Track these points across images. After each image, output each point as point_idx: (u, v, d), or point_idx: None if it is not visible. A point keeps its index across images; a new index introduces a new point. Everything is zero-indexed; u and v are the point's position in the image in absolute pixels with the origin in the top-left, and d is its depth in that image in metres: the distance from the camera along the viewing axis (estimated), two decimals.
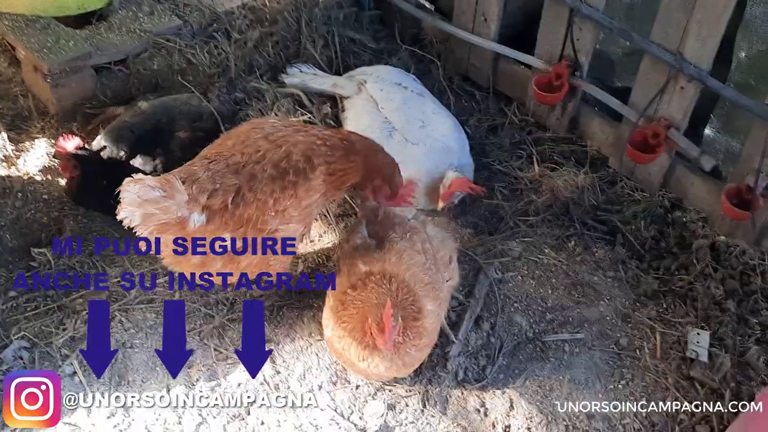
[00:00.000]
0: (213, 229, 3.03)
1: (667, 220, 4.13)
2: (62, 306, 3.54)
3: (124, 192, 2.82)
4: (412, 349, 2.98)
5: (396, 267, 3.04)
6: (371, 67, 4.51)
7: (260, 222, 3.11)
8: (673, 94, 3.83)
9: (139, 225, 2.87)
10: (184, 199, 2.94)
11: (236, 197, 3.06)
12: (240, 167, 3.12)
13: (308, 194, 3.23)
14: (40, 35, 4.41)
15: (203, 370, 3.36)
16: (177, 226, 2.96)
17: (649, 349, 3.55)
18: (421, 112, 4.09)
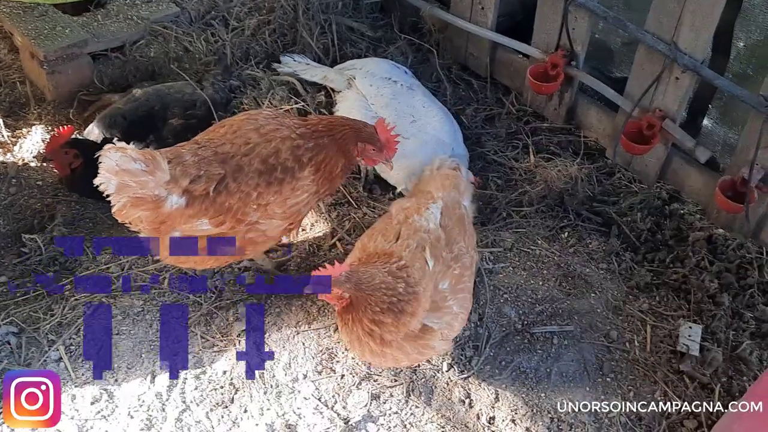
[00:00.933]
0: (191, 214, 3.04)
1: (664, 212, 4.09)
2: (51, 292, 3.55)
3: (104, 157, 2.85)
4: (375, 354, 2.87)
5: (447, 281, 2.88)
6: (361, 61, 4.48)
7: (240, 213, 3.13)
8: (668, 84, 3.78)
9: (114, 194, 2.90)
10: (164, 179, 2.95)
11: (219, 185, 3.07)
12: (228, 157, 3.13)
13: (295, 193, 3.24)
14: (38, 22, 4.42)
15: (189, 357, 3.37)
16: (152, 203, 2.97)
17: (639, 343, 3.52)
18: (412, 106, 4.06)
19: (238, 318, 3.51)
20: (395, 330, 2.77)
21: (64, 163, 3.76)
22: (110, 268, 3.67)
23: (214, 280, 3.66)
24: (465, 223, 3.07)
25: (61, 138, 3.72)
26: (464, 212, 3.12)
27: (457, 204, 3.12)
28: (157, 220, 3.02)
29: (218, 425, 3.17)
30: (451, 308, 2.89)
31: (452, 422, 3.24)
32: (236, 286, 3.65)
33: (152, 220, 3.02)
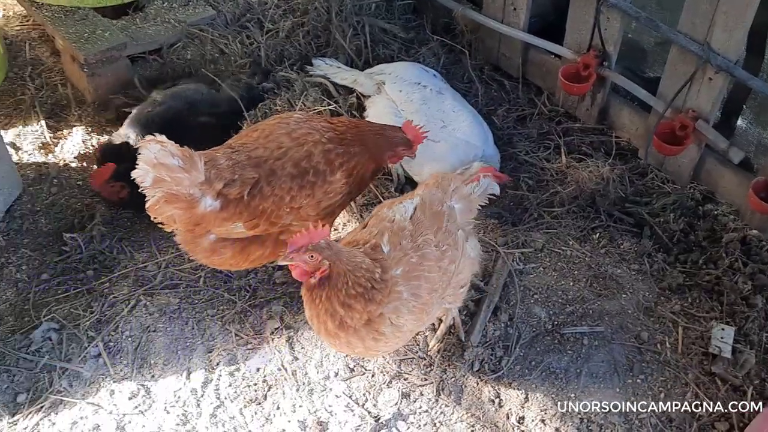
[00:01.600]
0: (226, 217, 3.11)
1: (697, 212, 4.06)
2: (91, 289, 3.66)
3: (144, 149, 2.89)
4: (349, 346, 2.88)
5: (401, 268, 2.88)
6: (390, 65, 4.50)
7: (274, 216, 3.20)
8: (701, 85, 3.76)
9: (149, 187, 2.94)
10: (199, 179, 3.01)
11: (253, 189, 3.14)
12: (261, 161, 3.20)
13: (327, 196, 3.31)
14: (78, 26, 4.53)
15: (223, 354, 3.44)
16: (185, 202, 3.02)
17: (670, 344, 3.51)
18: (441, 111, 4.09)
19: (272, 316, 3.57)
20: (359, 318, 2.78)
21: (113, 194, 3.85)
22: (148, 266, 3.76)
23: (248, 278, 3.73)
24: (441, 220, 3.04)
25: (104, 174, 3.79)
26: (444, 210, 3.08)
27: (438, 202, 3.10)
28: (191, 221, 3.09)
29: (251, 421, 3.23)
30: (400, 294, 2.86)
31: (482, 421, 3.27)
32: (270, 285, 3.71)
33: (186, 221, 3.08)
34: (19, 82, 4.71)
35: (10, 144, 4.28)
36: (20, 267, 3.75)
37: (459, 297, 3.26)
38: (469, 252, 3.22)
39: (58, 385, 3.30)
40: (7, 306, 3.59)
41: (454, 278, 3.10)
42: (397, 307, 2.85)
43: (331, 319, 2.80)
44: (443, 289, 3.03)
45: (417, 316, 2.93)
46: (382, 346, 2.96)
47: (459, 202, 3.19)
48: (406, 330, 2.94)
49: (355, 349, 2.94)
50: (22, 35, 5.00)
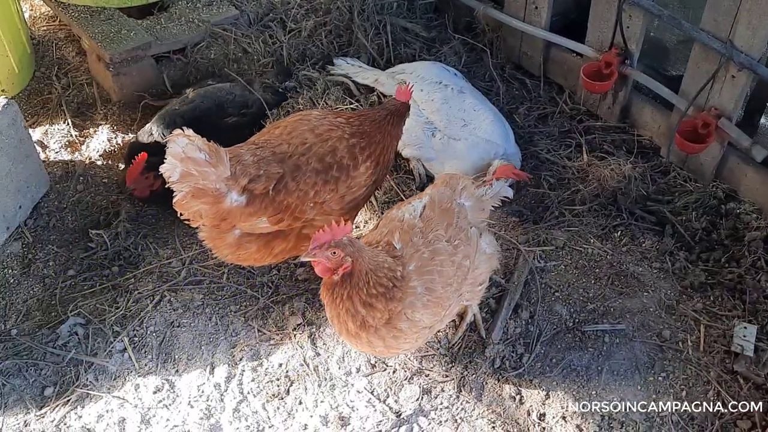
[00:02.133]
0: (251, 212, 3.15)
1: (720, 211, 4.05)
2: (116, 285, 3.71)
3: (172, 143, 2.92)
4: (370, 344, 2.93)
5: (413, 263, 2.92)
6: (411, 65, 4.51)
7: (298, 211, 3.23)
8: (724, 82, 3.75)
9: (177, 182, 2.97)
10: (225, 174, 3.05)
11: (278, 185, 3.18)
12: (286, 157, 3.24)
13: (351, 191, 3.36)
14: (104, 25, 4.59)
15: (246, 350, 3.48)
16: (212, 197, 3.06)
17: (692, 342, 3.51)
18: (462, 110, 4.11)
19: (294, 312, 3.61)
20: (380, 317, 2.82)
21: (145, 188, 3.88)
22: (172, 263, 3.80)
23: (270, 275, 3.76)
24: (451, 216, 3.08)
25: (138, 166, 3.81)
26: (454, 207, 3.12)
27: (447, 199, 3.14)
28: (217, 216, 3.12)
29: (274, 416, 3.27)
30: (415, 289, 2.88)
31: (503, 418, 3.29)
32: (292, 282, 3.75)
33: (213, 216, 3.11)
34: (46, 81, 4.78)
35: (38, 142, 4.34)
36: (47, 263, 3.81)
37: (477, 294, 3.28)
38: (485, 248, 3.24)
39: (84, 378, 3.36)
40: (35, 301, 3.66)
41: (470, 274, 3.12)
42: (412, 302, 2.88)
43: (353, 320, 2.83)
44: (459, 285, 3.05)
45: (432, 310, 2.95)
46: (402, 343, 2.99)
47: (469, 200, 3.22)
48: (423, 326, 2.97)
49: (376, 348, 2.98)
50: (49, 35, 5.07)
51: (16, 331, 3.53)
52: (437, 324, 3.14)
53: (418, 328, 2.97)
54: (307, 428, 3.24)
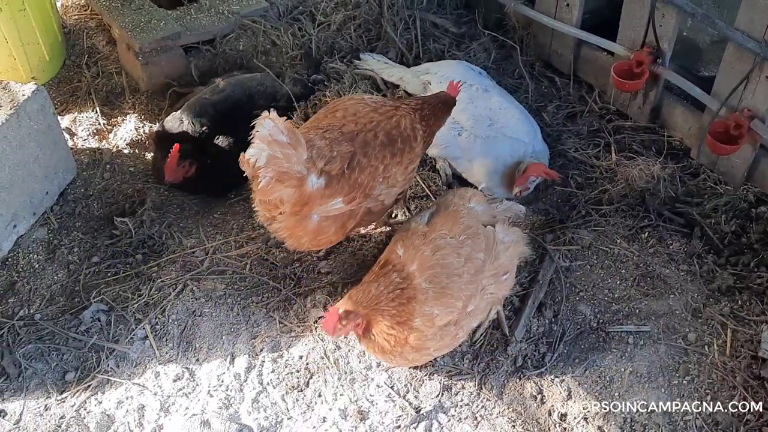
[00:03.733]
0: (329, 194, 3.18)
1: (750, 214, 3.97)
2: (139, 273, 3.72)
3: (260, 126, 2.91)
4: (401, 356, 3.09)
5: (415, 263, 3.06)
6: (436, 64, 4.47)
7: (369, 187, 3.29)
8: (758, 83, 3.69)
9: (263, 167, 2.94)
10: (304, 156, 3.05)
11: (352, 162, 3.22)
12: (354, 135, 3.29)
13: (412, 161, 3.46)
14: (134, 15, 4.61)
15: (267, 341, 3.47)
16: (296, 180, 3.07)
17: (718, 346, 3.45)
18: (489, 109, 4.08)
19: (315, 305, 3.59)
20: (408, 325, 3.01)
21: (180, 176, 3.92)
22: (195, 252, 3.81)
23: (293, 267, 3.76)
24: (457, 217, 3.22)
25: (174, 159, 3.82)
26: (461, 209, 3.27)
27: (454, 204, 3.30)
28: (299, 201, 3.13)
29: (293, 408, 3.26)
30: (420, 284, 3.03)
31: (523, 417, 3.25)
32: (315, 274, 3.74)
33: (295, 201, 3.12)
34: (76, 69, 4.81)
35: (66, 129, 4.37)
36: (72, 249, 3.83)
37: (503, 285, 3.27)
38: (503, 237, 3.28)
39: (105, 365, 3.37)
40: (59, 287, 3.68)
41: (488, 266, 3.16)
42: (420, 298, 3.00)
43: (382, 353, 3.12)
44: (473, 276, 3.10)
45: (443, 302, 3.03)
46: (427, 343, 3.06)
47: (480, 205, 3.34)
48: (441, 322, 3.03)
49: (409, 356, 3.13)
50: (80, 24, 5.10)
51: (39, 315, 3.55)
52: (464, 320, 3.15)
53: (435, 324, 3.02)
54: (325, 421, 3.23)
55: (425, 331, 3.01)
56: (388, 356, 3.13)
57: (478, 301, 3.15)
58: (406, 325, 3.00)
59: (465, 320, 3.16)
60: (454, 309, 3.05)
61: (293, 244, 3.37)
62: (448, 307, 3.03)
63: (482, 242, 3.19)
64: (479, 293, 3.14)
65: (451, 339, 3.16)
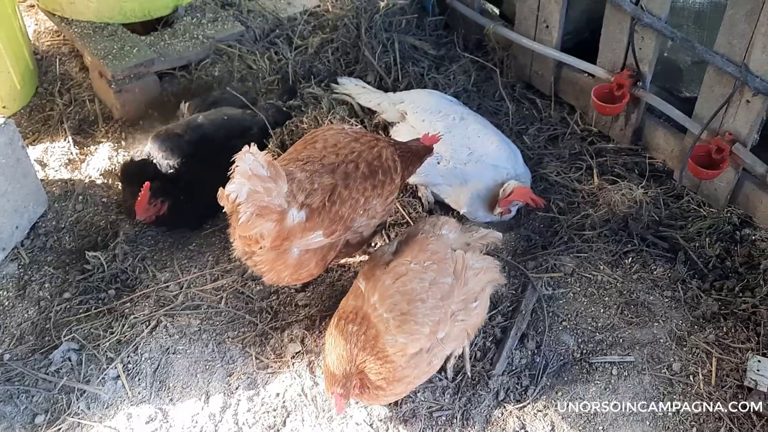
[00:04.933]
0: (310, 227, 3.11)
1: (734, 237, 3.93)
2: (112, 309, 3.63)
3: (240, 161, 2.84)
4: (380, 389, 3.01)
5: (376, 294, 3.03)
6: (410, 94, 4.38)
7: (350, 219, 3.23)
8: (739, 107, 3.64)
9: (244, 202, 2.87)
10: (284, 189, 2.99)
11: (333, 195, 3.17)
12: (335, 167, 3.24)
13: (392, 192, 3.41)
14: (107, 41, 4.54)
15: (243, 378, 3.39)
16: (276, 214, 3.00)
17: (703, 376, 3.38)
18: (467, 137, 4.01)
19: (293, 339, 3.51)
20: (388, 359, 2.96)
21: (154, 214, 3.82)
22: (169, 286, 3.72)
23: (270, 300, 3.68)
24: (423, 243, 3.20)
25: (144, 197, 3.73)
26: (429, 237, 3.24)
27: (422, 232, 3.28)
28: (280, 236, 3.06)
29: None
30: (381, 315, 2.98)
31: None
32: (292, 307, 3.66)
33: (276, 235, 3.04)
34: (48, 97, 4.72)
35: (38, 161, 4.28)
36: (43, 285, 3.73)
37: (473, 313, 3.20)
38: (472, 263, 3.22)
39: (75, 407, 3.27)
40: (29, 325, 3.58)
41: (457, 290, 3.11)
42: (385, 328, 2.96)
43: (375, 399, 3.09)
44: (439, 302, 3.04)
45: (406, 328, 2.96)
46: (405, 372, 2.98)
47: (453, 233, 3.31)
48: (411, 350, 2.97)
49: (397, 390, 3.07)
50: (52, 50, 5.02)
51: (8, 356, 3.45)
52: (437, 347, 3.08)
53: (407, 352, 2.96)
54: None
55: (398, 361, 2.95)
56: (381, 399, 3.10)
57: (450, 328, 3.08)
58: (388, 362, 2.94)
59: (438, 347, 3.09)
60: (420, 335, 2.98)
61: (273, 279, 3.29)
62: (413, 334, 2.97)
63: (450, 267, 3.15)
64: (449, 319, 3.08)
65: (426, 366, 3.09)
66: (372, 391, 2.99)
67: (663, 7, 3.77)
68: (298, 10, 5.05)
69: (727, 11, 3.49)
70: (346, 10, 4.97)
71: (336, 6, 5.11)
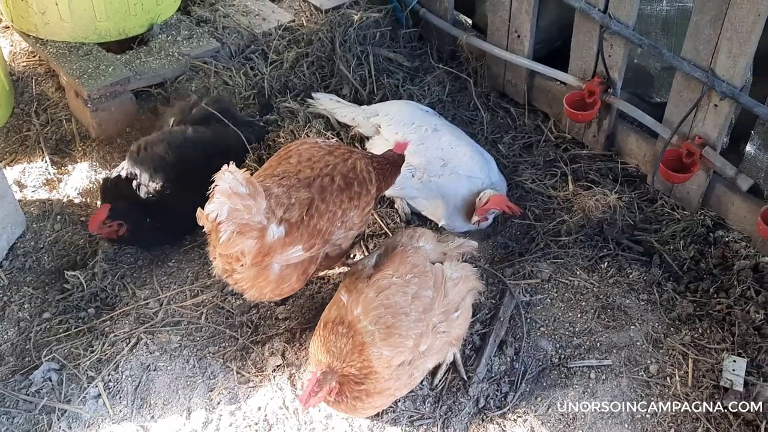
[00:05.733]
0: (289, 242, 3.14)
1: (708, 239, 3.99)
2: (92, 328, 3.63)
3: (219, 180, 2.86)
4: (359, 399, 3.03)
5: (359, 306, 3.05)
6: (384, 105, 4.40)
7: (328, 233, 3.26)
8: (707, 111, 3.70)
9: (224, 221, 2.89)
10: (263, 205, 3.01)
11: (310, 209, 3.20)
12: (311, 181, 3.27)
13: (368, 203, 3.45)
14: (82, 61, 4.55)
15: (224, 393, 3.40)
16: (257, 231, 3.02)
17: (680, 377, 3.43)
18: (440, 149, 4.04)
19: (273, 353, 3.52)
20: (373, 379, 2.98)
21: (111, 234, 3.81)
22: (149, 303, 3.73)
23: (250, 314, 3.69)
24: (403, 256, 3.23)
25: (100, 214, 3.73)
26: (407, 248, 3.28)
27: (400, 244, 3.31)
28: (261, 252, 3.07)
29: None
30: (365, 327, 3.00)
31: None
32: (272, 321, 3.67)
33: (257, 252, 3.06)
34: (24, 117, 4.72)
35: (15, 182, 4.28)
36: (22, 306, 3.74)
37: (456, 324, 3.22)
38: (451, 274, 3.26)
39: (56, 427, 3.26)
40: (9, 346, 3.58)
41: (438, 303, 3.14)
42: (369, 341, 2.98)
43: (353, 411, 3.09)
44: (422, 314, 3.07)
45: (391, 341, 2.99)
46: (387, 384, 3.01)
47: (429, 244, 3.33)
48: (395, 362, 3.00)
49: (377, 403, 3.11)
50: (28, 71, 5.02)
51: None
52: (419, 360, 3.11)
53: (392, 365, 2.99)
54: None
55: (382, 373, 2.98)
56: (359, 411, 3.11)
57: (432, 341, 3.11)
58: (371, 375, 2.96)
59: (420, 360, 3.12)
60: (404, 348, 3.02)
61: (255, 296, 3.30)
62: (398, 347, 3.00)
63: (430, 280, 3.19)
64: (431, 332, 3.10)
65: (408, 378, 3.12)
66: (350, 402, 3.00)
67: (630, 14, 3.84)
68: (273, 25, 5.08)
69: (693, 17, 3.56)
70: (320, 25, 5.01)
71: (310, 20, 5.15)
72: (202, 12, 5.15)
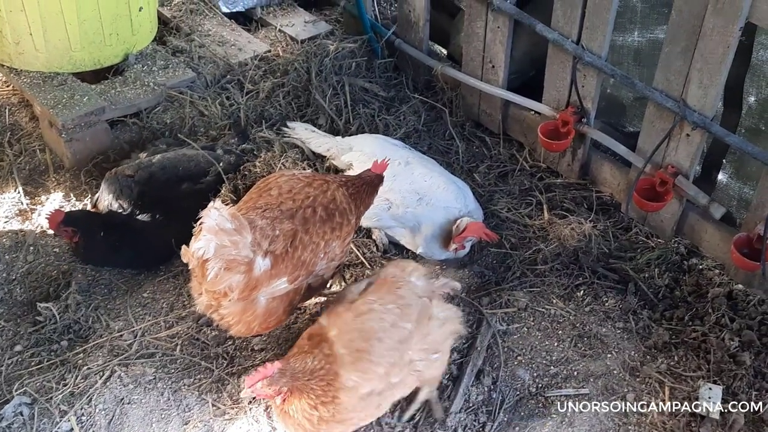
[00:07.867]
0: (275, 274, 3.13)
1: (682, 267, 4.02)
2: (65, 361, 3.57)
3: (206, 217, 2.84)
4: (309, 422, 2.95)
5: (335, 328, 3.01)
6: (355, 139, 4.42)
7: (311, 264, 3.27)
8: (679, 141, 3.75)
9: (212, 258, 2.87)
10: (249, 239, 3.00)
11: (294, 241, 3.20)
12: (294, 212, 3.27)
13: (349, 233, 3.46)
14: (56, 91, 4.52)
15: (200, 426, 3.35)
16: (244, 265, 3.00)
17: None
18: (413, 182, 4.06)
19: None
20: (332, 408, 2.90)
21: (67, 238, 3.85)
22: (123, 335, 3.68)
23: (225, 346, 3.66)
24: (392, 286, 3.17)
25: (56, 217, 3.77)
26: (398, 280, 3.22)
27: (392, 275, 3.25)
28: (248, 286, 3.06)
29: None
30: (338, 351, 2.95)
31: None
32: (248, 352, 3.64)
33: (244, 287, 3.05)
34: None
35: None
36: None
37: (434, 365, 3.19)
38: (437, 313, 3.22)
39: None
40: None
41: (416, 338, 3.08)
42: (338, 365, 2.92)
43: (309, 422, 2.93)
44: (398, 345, 3.02)
45: (359, 366, 2.93)
46: (350, 414, 2.96)
47: (420, 281, 3.26)
48: (362, 389, 2.94)
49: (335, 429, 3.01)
50: (2, 101, 4.98)
51: None
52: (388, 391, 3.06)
53: (358, 394, 2.93)
54: None
55: (346, 403, 2.92)
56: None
57: (405, 375, 3.07)
58: (331, 404, 2.88)
59: (389, 391, 3.07)
60: (373, 375, 2.97)
61: (242, 331, 3.28)
62: (367, 373, 2.95)
63: (413, 313, 3.12)
64: (406, 366, 3.06)
65: (374, 409, 3.07)
66: (300, 420, 2.92)
67: (603, 45, 3.89)
68: (249, 55, 5.10)
69: (664, 49, 3.62)
70: (296, 55, 5.04)
71: (286, 51, 5.18)
72: (178, 42, 5.15)
